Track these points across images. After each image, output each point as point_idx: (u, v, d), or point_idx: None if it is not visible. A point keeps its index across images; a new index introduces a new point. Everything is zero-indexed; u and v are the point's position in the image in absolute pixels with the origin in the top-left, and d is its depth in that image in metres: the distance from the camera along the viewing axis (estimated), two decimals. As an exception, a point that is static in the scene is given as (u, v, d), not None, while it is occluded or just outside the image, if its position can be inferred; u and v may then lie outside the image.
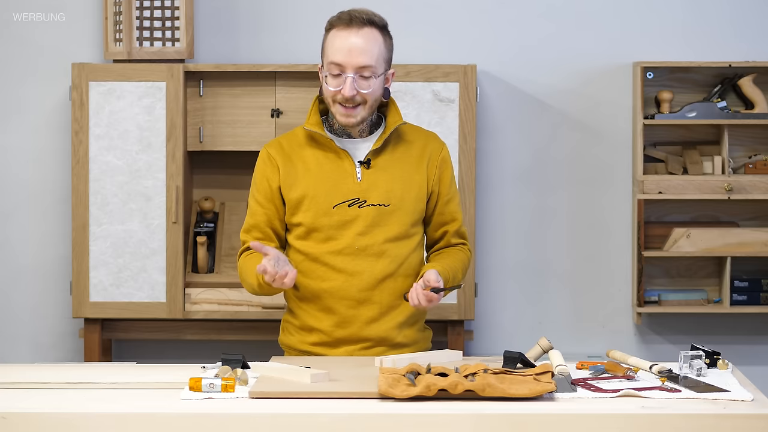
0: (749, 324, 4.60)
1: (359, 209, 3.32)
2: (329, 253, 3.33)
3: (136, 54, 4.36)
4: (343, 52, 3.26)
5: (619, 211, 4.58)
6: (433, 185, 3.40)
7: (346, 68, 3.26)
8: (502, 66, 4.54)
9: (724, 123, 4.41)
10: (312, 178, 3.34)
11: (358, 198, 3.32)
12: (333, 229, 3.32)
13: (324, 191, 3.32)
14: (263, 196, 3.39)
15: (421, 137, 3.44)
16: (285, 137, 3.44)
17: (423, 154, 3.39)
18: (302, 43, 4.51)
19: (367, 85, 3.28)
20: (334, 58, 3.27)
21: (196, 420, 2.61)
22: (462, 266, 3.44)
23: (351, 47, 3.26)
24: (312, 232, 3.34)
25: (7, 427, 2.61)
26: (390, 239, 3.33)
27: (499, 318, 4.60)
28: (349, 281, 3.32)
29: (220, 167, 4.51)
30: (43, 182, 4.56)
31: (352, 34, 3.26)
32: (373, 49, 3.28)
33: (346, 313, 3.33)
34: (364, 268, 3.32)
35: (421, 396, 2.69)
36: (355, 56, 3.26)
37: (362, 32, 3.27)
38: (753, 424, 2.59)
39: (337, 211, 3.32)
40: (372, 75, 3.28)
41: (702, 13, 4.53)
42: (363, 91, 3.27)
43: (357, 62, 3.26)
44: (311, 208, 3.33)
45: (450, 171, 3.43)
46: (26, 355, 4.59)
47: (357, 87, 3.26)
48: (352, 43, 3.26)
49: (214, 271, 4.39)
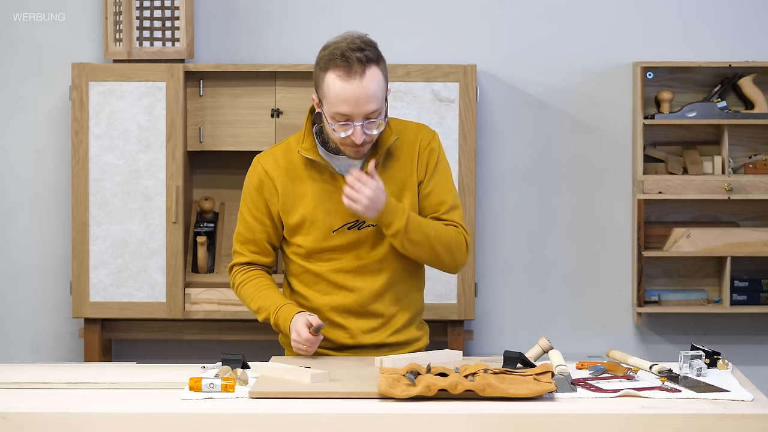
0: (749, 324, 4.60)
1: (359, 231, 3.30)
2: (330, 271, 3.31)
3: (136, 54, 4.36)
4: (350, 104, 3.11)
5: (619, 211, 4.58)
6: (420, 178, 3.31)
7: (353, 118, 3.14)
8: (502, 66, 4.54)
9: (724, 123, 4.41)
10: (310, 203, 3.28)
11: (356, 220, 3.30)
12: (333, 252, 3.31)
13: (322, 215, 3.28)
14: (262, 214, 3.33)
15: (411, 135, 3.33)
16: (280, 151, 3.34)
17: (412, 155, 3.31)
18: (302, 43, 4.51)
19: (376, 126, 3.17)
20: (340, 109, 3.13)
21: (196, 420, 2.61)
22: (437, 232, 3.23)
23: (357, 99, 3.11)
24: (312, 254, 3.32)
25: (7, 427, 2.61)
26: (389, 254, 3.31)
27: (499, 318, 4.61)
28: (349, 297, 3.32)
29: (220, 167, 4.51)
30: (43, 182, 4.56)
31: (354, 82, 3.11)
32: (377, 93, 3.14)
33: (346, 324, 3.33)
34: (365, 284, 3.31)
35: (421, 396, 2.69)
36: (362, 105, 3.11)
37: (365, 78, 3.11)
38: (753, 424, 2.59)
39: (337, 236, 3.29)
40: (378, 116, 3.17)
41: (702, 13, 4.53)
42: (372, 132, 3.17)
43: (364, 111, 3.13)
44: (311, 232, 3.30)
45: (435, 160, 3.30)
46: (26, 355, 4.59)
47: (366, 131, 3.16)
48: (357, 94, 3.11)
49: (214, 271, 4.39)
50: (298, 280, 3.36)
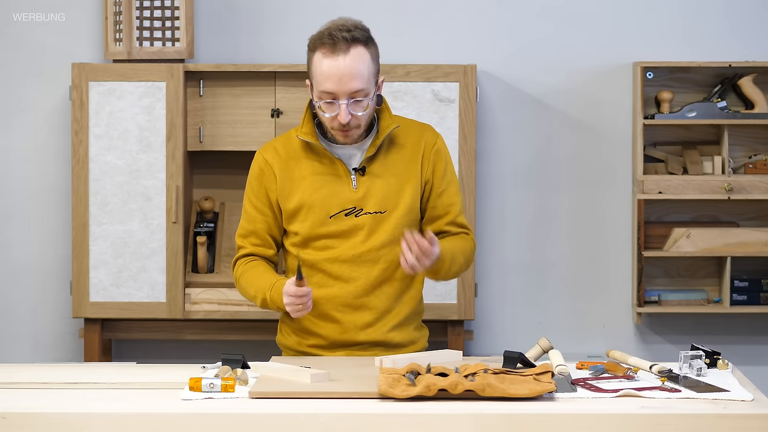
0: (749, 324, 4.60)
1: (356, 218, 3.31)
2: (326, 260, 3.32)
3: (136, 54, 4.36)
4: (334, 80, 3.18)
5: (619, 211, 4.58)
6: (426, 178, 3.36)
7: (338, 96, 3.20)
8: (502, 66, 4.54)
9: (724, 123, 4.41)
10: (308, 188, 3.32)
11: (354, 207, 3.31)
12: (330, 239, 3.32)
13: (320, 201, 3.31)
14: (262, 204, 3.37)
15: (414, 132, 3.39)
16: (280, 141, 3.40)
17: (416, 150, 3.36)
18: (302, 43, 4.45)
19: (361, 107, 3.22)
20: (324, 86, 3.20)
21: (196, 420, 2.61)
22: (462, 251, 3.36)
23: (341, 75, 3.18)
24: (309, 241, 3.33)
25: (7, 427, 2.61)
26: (386, 244, 3.32)
27: (499, 318, 4.61)
28: (345, 288, 3.32)
29: (220, 167, 4.51)
30: (43, 182, 4.56)
31: (339, 59, 3.18)
32: (362, 71, 3.20)
33: (342, 318, 3.33)
34: (360, 274, 3.32)
35: (421, 396, 2.69)
36: (346, 83, 3.18)
37: (349, 55, 3.19)
38: (753, 424, 2.59)
39: (334, 221, 3.31)
40: (364, 97, 3.22)
41: (702, 13, 4.53)
42: (358, 113, 3.22)
43: (348, 88, 3.19)
44: (308, 218, 3.32)
45: (443, 162, 3.37)
46: (26, 355, 4.59)
47: (352, 111, 3.21)
48: (340, 70, 3.18)
49: (214, 271, 4.39)
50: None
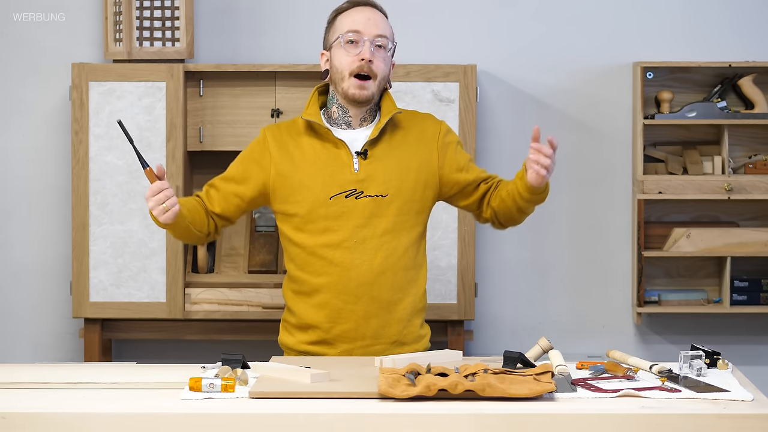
0: (749, 324, 4.60)
1: (356, 200, 3.31)
2: (326, 245, 3.32)
3: (136, 54, 4.36)
4: (360, 22, 3.35)
5: (619, 211, 4.58)
6: (441, 169, 3.39)
7: (364, 34, 3.33)
8: (502, 66, 4.54)
9: (724, 123, 4.42)
10: (308, 167, 3.34)
11: (355, 189, 3.32)
12: (329, 221, 3.31)
13: (321, 181, 3.32)
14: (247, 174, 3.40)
15: (417, 121, 3.44)
16: (285, 123, 3.46)
17: (421, 138, 3.39)
18: (302, 43, 4.51)
19: (382, 56, 3.36)
20: (351, 27, 3.34)
21: (196, 420, 2.61)
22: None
23: (367, 19, 3.35)
24: (308, 223, 3.33)
25: (7, 427, 2.61)
26: (388, 230, 3.32)
27: (499, 318, 4.61)
28: (346, 275, 3.31)
29: (220, 167, 4.48)
30: (43, 182, 4.56)
31: (365, 10, 3.38)
32: (385, 24, 3.39)
33: (343, 308, 3.31)
34: (362, 261, 3.31)
35: (421, 396, 2.69)
36: (372, 25, 3.35)
37: (374, 10, 3.39)
38: (753, 424, 2.59)
39: (333, 202, 3.31)
40: (385, 46, 3.36)
41: (702, 13, 4.53)
42: (378, 60, 3.34)
43: (374, 31, 3.35)
44: (307, 198, 3.32)
45: (453, 146, 3.44)
46: (26, 355, 4.59)
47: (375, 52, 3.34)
48: (367, 16, 3.36)
49: (214, 271, 4.39)
50: (294, 264, 3.36)
